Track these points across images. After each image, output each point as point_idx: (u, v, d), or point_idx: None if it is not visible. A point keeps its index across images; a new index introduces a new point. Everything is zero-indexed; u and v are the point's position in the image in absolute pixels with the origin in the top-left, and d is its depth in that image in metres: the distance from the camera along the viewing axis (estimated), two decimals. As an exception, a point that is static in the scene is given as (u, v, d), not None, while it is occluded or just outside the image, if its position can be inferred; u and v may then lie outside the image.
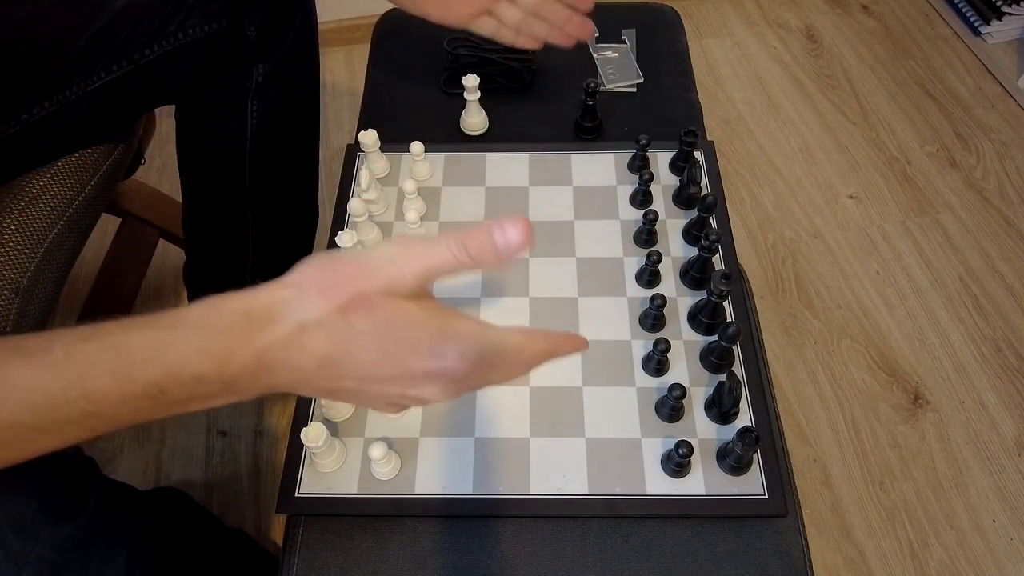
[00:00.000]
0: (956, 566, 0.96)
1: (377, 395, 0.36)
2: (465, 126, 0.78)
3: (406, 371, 0.34)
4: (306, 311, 0.33)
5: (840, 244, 1.29)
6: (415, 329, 0.34)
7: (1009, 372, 1.13)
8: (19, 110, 0.63)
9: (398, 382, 0.35)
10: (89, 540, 0.51)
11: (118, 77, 0.66)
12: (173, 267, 1.21)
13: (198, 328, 0.33)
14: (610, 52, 0.86)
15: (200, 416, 1.07)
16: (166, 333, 0.33)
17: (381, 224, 0.70)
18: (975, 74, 1.55)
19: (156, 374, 0.32)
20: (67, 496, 0.50)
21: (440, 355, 0.34)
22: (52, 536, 0.47)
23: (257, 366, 0.33)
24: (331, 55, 1.57)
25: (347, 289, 0.33)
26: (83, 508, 0.51)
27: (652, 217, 0.64)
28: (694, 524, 0.55)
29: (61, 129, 0.67)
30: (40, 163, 0.70)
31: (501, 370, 0.37)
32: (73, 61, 0.64)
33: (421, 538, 0.55)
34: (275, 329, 0.33)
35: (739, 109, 1.49)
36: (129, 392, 0.32)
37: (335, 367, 0.33)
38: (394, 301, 0.33)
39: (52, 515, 0.47)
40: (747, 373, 0.60)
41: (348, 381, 0.35)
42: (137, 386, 0.32)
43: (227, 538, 0.87)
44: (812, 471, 1.04)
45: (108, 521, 0.53)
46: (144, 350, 0.32)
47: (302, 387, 0.35)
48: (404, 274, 0.34)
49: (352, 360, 0.33)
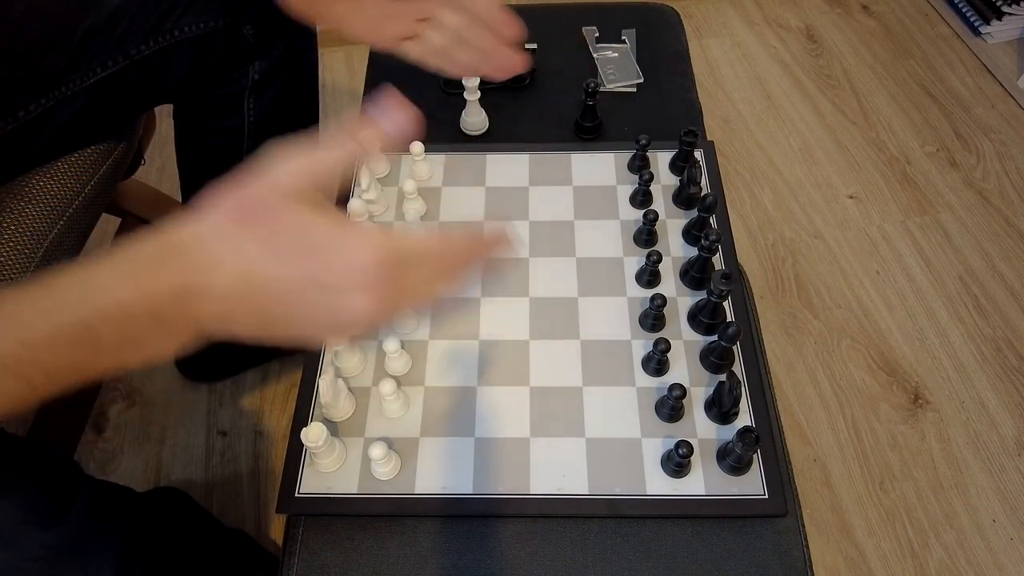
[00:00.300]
0: (956, 566, 0.96)
1: (308, 315, 0.34)
2: (465, 126, 0.78)
3: (318, 276, 0.33)
4: (212, 233, 0.33)
5: (840, 244, 1.29)
6: (314, 230, 0.33)
7: (1009, 372, 1.13)
8: (15, 107, 0.64)
9: (318, 292, 0.34)
10: (74, 547, 0.50)
11: (114, 73, 0.66)
12: (173, 267, 1.21)
13: (120, 262, 0.33)
14: (610, 52, 0.86)
15: (200, 416, 1.07)
16: (91, 270, 0.33)
17: (381, 224, 0.70)
18: (975, 74, 1.55)
19: (84, 312, 0.32)
20: (51, 503, 0.49)
21: (348, 253, 0.33)
22: (34, 544, 0.46)
23: (181, 290, 0.33)
24: (331, 55, 1.57)
25: (243, 204, 0.34)
26: (66, 515, 0.50)
27: (652, 217, 0.64)
28: (694, 524, 0.55)
29: (58, 127, 0.67)
30: (39, 162, 0.70)
31: (427, 270, 0.36)
32: (69, 58, 0.64)
33: (421, 538, 0.55)
34: (190, 254, 0.33)
35: (739, 109, 1.49)
36: (60, 335, 0.32)
37: (250, 288, 0.33)
38: (288, 206, 0.33)
39: (35, 522, 0.47)
40: (747, 373, 0.60)
41: (270, 303, 0.34)
42: (67, 326, 0.32)
43: (227, 538, 0.87)
44: (812, 471, 1.04)
45: (95, 526, 0.53)
46: (71, 287, 0.33)
47: (232, 321, 0.34)
48: (291, 171, 0.34)
49: (263, 276, 0.33)
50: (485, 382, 0.60)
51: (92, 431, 1.05)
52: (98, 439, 1.05)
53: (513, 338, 0.62)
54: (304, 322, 0.35)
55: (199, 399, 1.09)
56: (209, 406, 1.08)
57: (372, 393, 0.59)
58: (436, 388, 0.60)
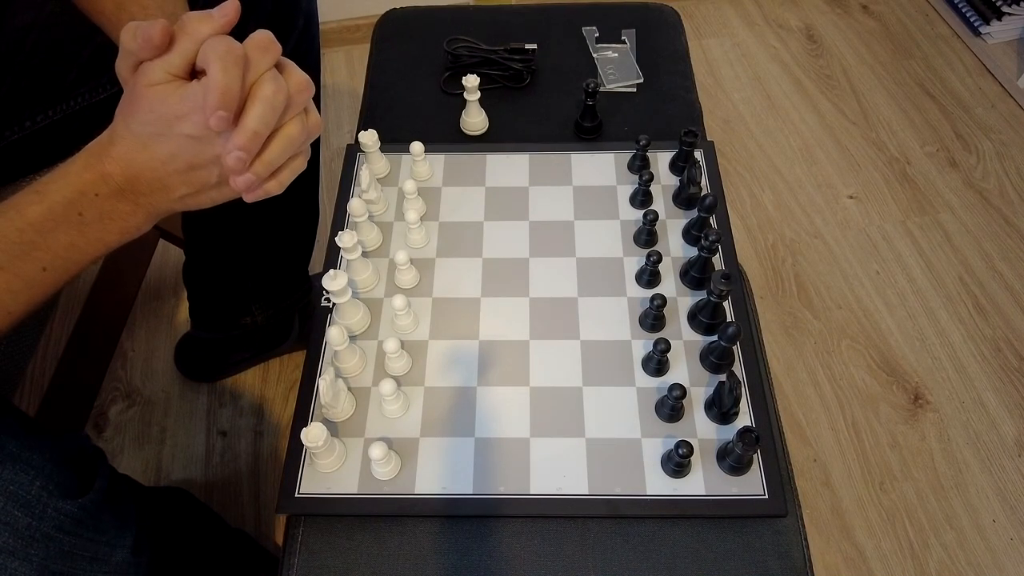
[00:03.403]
0: (956, 566, 0.96)
1: (203, 166, 0.44)
2: (465, 126, 0.78)
3: (190, 132, 0.41)
4: (118, 127, 0.43)
5: (840, 244, 1.28)
6: (171, 101, 0.41)
7: (1009, 372, 1.13)
8: (23, 116, 0.64)
9: (197, 144, 0.42)
10: (96, 521, 0.51)
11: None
12: (173, 267, 1.21)
13: (79, 157, 0.44)
14: (610, 52, 0.86)
15: (200, 416, 1.07)
16: (62, 167, 0.44)
17: (381, 224, 0.70)
18: (975, 74, 1.55)
19: (66, 192, 0.43)
20: (73, 477, 0.50)
21: (197, 106, 0.41)
22: (58, 513, 0.47)
23: (123, 168, 0.43)
24: (331, 55, 1.57)
25: (125, 100, 0.43)
26: (89, 489, 0.51)
27: (652, 217, 0.64)
28: (694, 524, 0.55)
29: (66, 137, 0.67)
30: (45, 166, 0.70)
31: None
32: (77, 70, 0.64)
33: (421, 538, 0.55)
34: (112, 144, 0.43)
35: (739, 109, 1.49)
36: (51, 215, 0.43)
37: (156, 156, 0.43)
38: (150, 91, 0.41)
39: (58, 493, 0.48)
40: (747, 373, 0.60)
41: (179, 165, 0.43)
42: (56, 206, 0.43)
43: (229, 538, 0.87)
44: (812, 471, 1.04)
45: (115, 505, 0.54)
46: (52, 180, 0.44)
47: (169, 189, 0.44)
48: (154, 66, 0.42)
49: (157, 146, 0.42)
50: (485, 382, 0.60)
51: (92, 431, 1.05)
52: (98, 439, 1.05)
53: (513, 338, 0.62)
54: (210, 172, 0.44)
55: (199, 399, 1.09)
56: (209, 406, 1.08)
57: (372, 393, 0.59)
58: (436, 388, 0.60)
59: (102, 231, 0.45)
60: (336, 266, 0.66)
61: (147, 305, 1.18)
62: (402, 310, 0.60)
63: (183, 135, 0.42)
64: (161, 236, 1.11)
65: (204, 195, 0.46)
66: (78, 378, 1.01)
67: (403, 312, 0.61)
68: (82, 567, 0.50)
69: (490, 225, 0.70)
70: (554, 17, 0.91)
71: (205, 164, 0.44)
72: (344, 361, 0.60)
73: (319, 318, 0.63)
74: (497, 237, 0.69)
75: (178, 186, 0.44)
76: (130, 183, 0.44)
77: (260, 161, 0.43)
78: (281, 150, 0.44)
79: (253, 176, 0.43)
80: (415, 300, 0.64)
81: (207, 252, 0.92)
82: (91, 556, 0.51)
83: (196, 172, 0.44)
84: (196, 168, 0.44)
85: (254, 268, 0.92)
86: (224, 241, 0.88)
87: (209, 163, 0.44)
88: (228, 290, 0.96)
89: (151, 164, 0.43)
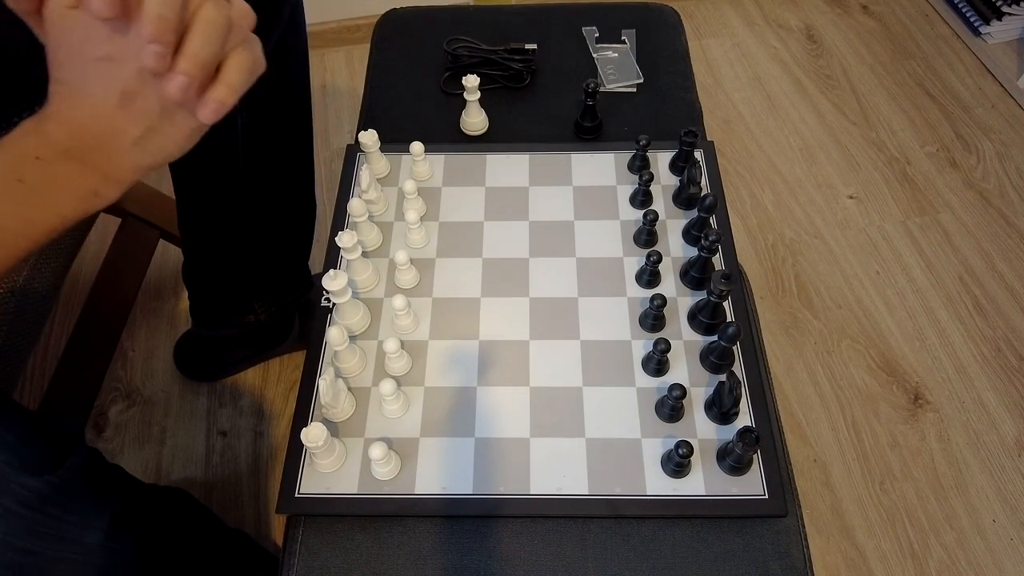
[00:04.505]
0: (956, 566, 0.96)
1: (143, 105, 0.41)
2: (465, 126, 0.78)
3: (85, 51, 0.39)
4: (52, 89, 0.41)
5: (840, 244, 1.28)
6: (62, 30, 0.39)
7: (1009, 372, 1.13)
8: (10, 113, 0.63)
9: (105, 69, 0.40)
10: (65, 500, 0.50)
11: None
12: (173, 267, 1.21)
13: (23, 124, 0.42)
14: (610, 52, 0.86)
15: (200, 416, 1.07)
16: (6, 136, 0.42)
17: (381, 224, 0.70)
18: (975, 74, 1.55)
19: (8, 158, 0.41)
20: (42, 453, 0.49)
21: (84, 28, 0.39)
22: (22, 488, 0.47)
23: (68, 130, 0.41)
24: (331, 55, 1.57)
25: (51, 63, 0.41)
26: (60, 467, 0.50)
27: (652, 217, 0.64)
28: (694, 524, 0.55)
29: None
30: None
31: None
32: None
33: (421, 538, 0.55)
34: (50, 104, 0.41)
35: (739, 109, 1.49)
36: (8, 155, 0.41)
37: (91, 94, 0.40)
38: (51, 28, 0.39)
39: (23, 468, 0.47)
40: (747, 373, 0.60)
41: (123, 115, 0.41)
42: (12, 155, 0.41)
43: (228, 538, 0.87)
44: (812, 471, 1.04)
45: (90, 487, 0.53)
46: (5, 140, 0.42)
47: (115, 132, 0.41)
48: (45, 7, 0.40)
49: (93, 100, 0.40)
50: (485, 382, 0.60)
51: (92, 431, 1.05)
52: (98, 439, 1.05)
53: (513, 338, 0.62)
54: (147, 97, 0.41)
55: (199, 399, 1.09)
56: (209, 406, 1.08)
57: (372, 393, 0.59)
58: (436, 388, 0.60)
59: (52, 199, 0.42)
60: (336, 266, 0.66)
61: (147, 305, 1.18)
62: (402, 310, 0.60)
63: (95, 59, 0.39)
64: (161, 236, 1.11)
65: (160, 135, 0.41)
66: (78, 378, 1.01)
67: (403, 312, 0.61)
68: (49, 545, 0.49)
69: (490, 225, 0.70)
70: (554, 17, 0.91)
71: (137, 87, 0.40)
72: (344, 361, 0.60)
73: (319, 318, 0.63)
74: (497, 237, 0.69)
75: (124, 125, 0.41)
76: (75, 138, 0.41)
77: (183, 55, 0.37)
78: (203, 38, 0.38)
79: (184, 77, 0.37)
80: (415, 300, 0.64)
81: (204, 250, 0.92)
82: (57, 535, 0.50)
83: (134, 102, 0.40)
84: (131, 96, 0.40)
85: (253, 264, 0.92)
86: (221, 238, 0.88)
87: (140, 83, 0.40)
88: (228, 288, 0.96)
89: (88, 109, 0.40)
